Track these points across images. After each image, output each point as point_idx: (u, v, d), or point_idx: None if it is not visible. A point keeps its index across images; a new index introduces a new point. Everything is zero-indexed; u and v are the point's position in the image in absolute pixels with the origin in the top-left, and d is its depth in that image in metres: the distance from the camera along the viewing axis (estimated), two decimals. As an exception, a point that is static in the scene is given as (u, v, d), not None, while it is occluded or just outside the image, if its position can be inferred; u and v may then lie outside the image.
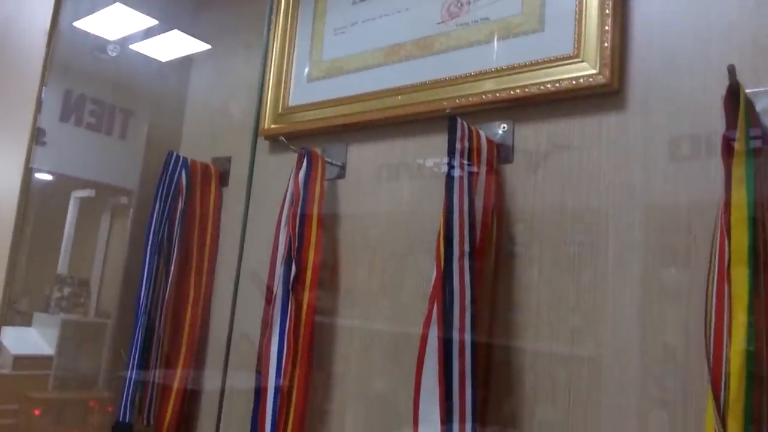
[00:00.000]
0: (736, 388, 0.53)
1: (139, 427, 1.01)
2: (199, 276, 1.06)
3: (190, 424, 1.05)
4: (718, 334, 0.56)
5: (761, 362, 0.55)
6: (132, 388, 1.01)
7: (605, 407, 0.67)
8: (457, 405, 0.68)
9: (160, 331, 1.01)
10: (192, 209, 1.06)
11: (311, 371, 0.89)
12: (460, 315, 0.67)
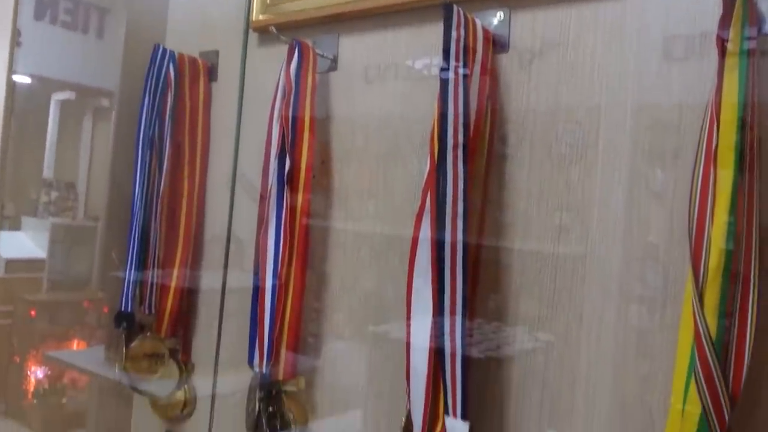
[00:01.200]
0: (713, 285, 0.56)
1: (140, 315, 1.05)
2: (192, 171, 1.06)
3: (190, 316, 1.09)
4: (699, 232, 0.58)
5: (738, 261, 0.57)
6: (131, 280, 1.04)
7: (588, 302, 0.70)
8: (448, 300, 0.71)
9: (156, 224, 1.03)
10: (182, 104, 1.05)
11: (306, 270, 0.91)
12: (453, 205, 0.68)
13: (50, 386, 3.36)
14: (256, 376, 0.92)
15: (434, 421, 0.73)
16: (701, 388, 0.55)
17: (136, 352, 1.04)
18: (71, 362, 2.63)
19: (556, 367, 0.72)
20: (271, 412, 0.90)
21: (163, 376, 1.05)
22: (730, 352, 0.57)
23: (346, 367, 0.91)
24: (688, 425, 0.56)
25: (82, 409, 2.32)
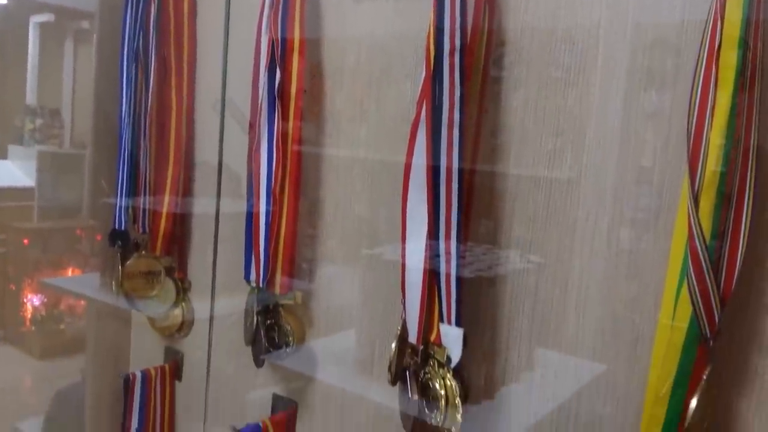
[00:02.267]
0: (710, 188, 0.56)
1: (134, 234, 1.05)
2: (180, 85, 1.03)
3: (184, 236, 1.09)
4: (697, 134, 0.57)
5: (736, 164, 0.57)
6: (123, 199, 1.03)
7: (580, 225, 0.71)
8: (443, 222, 0.71)
9: (146, 143, 1.01)
10: (166, 15, 1.01)
11: (299, 196, 0.91)
12: (449, 113, 0.67)
13: (47, 313, 3.41)
14: (253, 290, 0.93)
15: (429, 328, 0.75)
16: (693, 289, 0.56)
17: (131, 270, 1.05)
18: (67, 288, 2.65)
19: (548, 288, 0.73)
20: (269, 325, 0.92)
21: (160, 293, 1.07)
22: (722, 253, 0.58)
23: (340, 289, 0.93)
24: (677, 332, 0.58)
25: (81, 334, 2.36)
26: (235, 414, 1.03)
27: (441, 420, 0.73)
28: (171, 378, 1.13)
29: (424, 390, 0.76)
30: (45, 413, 2.23)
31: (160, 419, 1.11)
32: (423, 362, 0.76)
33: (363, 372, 0.90)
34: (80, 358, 1.72)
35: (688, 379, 0.58)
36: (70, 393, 2.05)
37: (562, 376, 0.73)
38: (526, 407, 0.76)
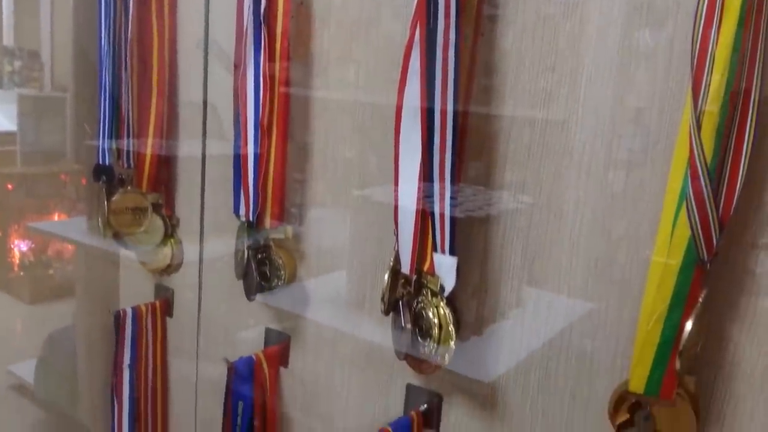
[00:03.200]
0: (713, 107, 0.54)
1: (119, 170, 1.02)
2: (161, 19, 0.98)
3: (171, 172, 1.06)
4: (702, 52, 0.55)
5: (740, 82, 0.55)
6: (106, 133, 1.00)
7: (573, 166, 0.70)
8: (437, 162, 0.70)
9: (127, 74, 0.97)
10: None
11: (287, 140, 0.88)
12: (444, 34, 0.64)
13: (35, 258, 3.40)
14: (243, 225, 0.92)
15: (422, 258, 0.74)
16: (691, 211, 0.55)
17: (118, 205, 1.02)
18: (54, 232, 2.62)
19: (539, 227, 0.73)
20: (259, 259, 0.91)
21: (148, 230, 1.05)
22: (722, 177, 0.57)
23: (331, 229, 0.91)
24: (674, 256, 0.57)
25: (70, 278, 2.35)
26: (228, 349, 1.03)
27: (434, 348, 0.73)
28: (162, 314, 1.12)
29: (417, 320, 0.76)
30: (38, 356, 2.24)
31: (153, 355, 1.11)
32: (416, 292, 0.76)
33: (355, 307, 0.90)
34: (70, 303, 1.72)
35: (683, 302, 0.57)
36: (61, 336, 2.06)
37: (553, 312, 0.73)
38: (516, 342, 0.76)
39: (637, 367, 0.60)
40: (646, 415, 0.62)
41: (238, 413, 0.91)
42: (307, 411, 0.96)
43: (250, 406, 0.91)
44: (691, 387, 0.62)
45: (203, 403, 1.09)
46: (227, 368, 0.91)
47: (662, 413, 0.62)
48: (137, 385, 1.11)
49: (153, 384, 1.11)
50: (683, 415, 0.62)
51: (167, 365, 1.13)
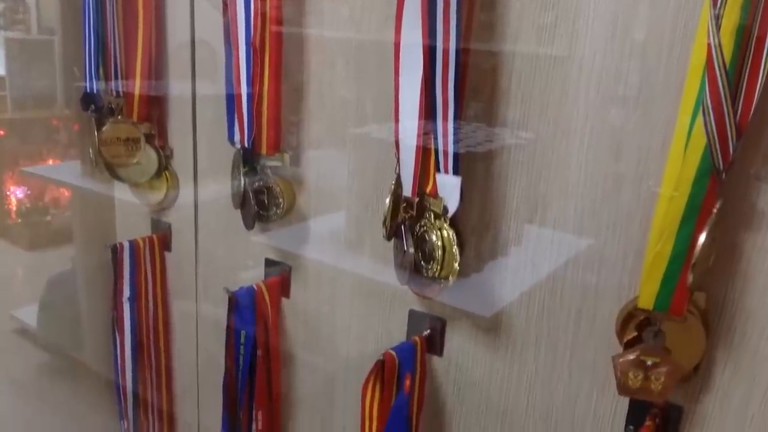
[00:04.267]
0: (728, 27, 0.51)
1: (108, 98, 0.98)
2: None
3: (162, 101, 1.02)
4: None
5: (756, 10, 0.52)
6: (93, 57, 0.96)
7: (573, 102, 0.67)
8: (440, 97, 0.67)
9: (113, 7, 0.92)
10: None
11: (280, 80, 0.84)
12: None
13: (32, 205, 3.38)
14: (238, 152, 0.89)
15: (425, 179, 0.72)
16: (708, 118, 0.53)
17: (108, 135, 0.99)
18: (48, 176, 2.59)
19: (539, 165, 0.71)
20: (257, 187, 0.89)
21: (141, 160, 1.02)
22: (742, 80, 0.54)
23: (328, 167, 0.89)
24: (689, 166, 0.55)
25: (67, 225, 2.33)
26: (228, 281, 1.02)
27: (437, 270, 0.72)
28: (160, 248, 1.11)
29: (420, 244, 0.74)
30: (39, 300, 2.25)
31: (153, 289, 1.10)
32: (418, 216, 0.74)
33: (356, 237, 0.88)
34: (69, 249, 1.71)
35: (697, 213, 0.55)
36: (61, 279, 2.06)
37: (556, 246, 0.72)
38: (519, 275, 0.75)
39: (647, 282, 0.59)
40: (656, 332, 0.61)
41: (240, 342, 0.91)
42: (309, 339, 0.96)
43: (252, 336, 0.90)
44: (702, 303, 0.61)
45: (205, 337, 1.09)
46: (228, 298, 0.90)
47: (672, 329, 0.61)
48: (138, 320, 1.10)
49: (154, 318, 1.10)
50: (693, 332, 0.61)
51: (168, 299, 1.12)
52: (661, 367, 0.60)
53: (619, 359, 0.61)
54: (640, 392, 0.61)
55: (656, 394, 0.61)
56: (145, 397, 1.15)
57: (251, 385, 0.93)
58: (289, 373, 0.98)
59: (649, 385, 0.61)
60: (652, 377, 0.60)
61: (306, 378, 0.98)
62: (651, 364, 0.60)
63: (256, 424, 0.96)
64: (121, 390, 1.15)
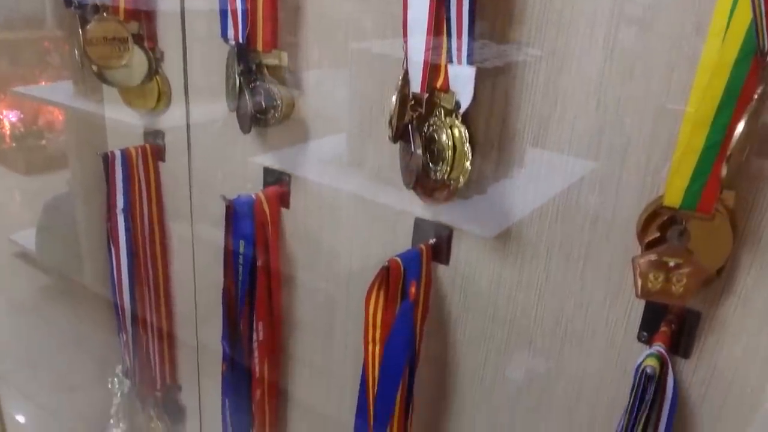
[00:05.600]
0: None
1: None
2: None
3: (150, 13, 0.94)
4: None
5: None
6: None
7: (584, 23, 0.61)
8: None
9: None
10: None
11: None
12: None
13: (26, 129, 3.31)
14: (233, 49, 0.82)
15: (435, 73, 0.67)
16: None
17: (94, 34, 0.93)
18: (41, 97, 2.51)
19: (544, 86, 0.66)
20: (253, 88, 0.83)
21: (130, 63, 0.96)
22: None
23: (328, 91, 0.83)
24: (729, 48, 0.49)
25: (63, 149, 2.29)
26: (225, 190, 0.97)
27: (447, 171, 0.67)
28: (154, 158, 1.06)
29: (429, 144, 0.69)
30: (37, 223, 2.23)
31: (147, 199, 1.06)
32: (427, 113, 0.69)
33: (358, 143, 0.83)
34: (66, 173, 1.68)
35: (736, 98, 0.50)
36: (59, 202, 2.03)
37: (556, 171, 0.68)
38: (520, 199, 0.71)
39: (676, 177, 0.55)
40: (681, 231, 0.57)
41: (239, 252, 0.88)
42: (311, 250, 0.92)
43: (251, 245, 0.87)
44: (730, 202, 0.57)
45: (202, 249, 1.06)
46: (225, 206, 0.86)
47: (697, 229, 0.57)
48: (133, 232, 1.07)
49: (150, 231, 1.07)
50: (719, 232, 0.57)
51: (163, 211, 1.08)
52: (683, 268, 0.56)
53: (640, 260, 0.58)
54: (660, 295, 0.58)
55: (677, 297, 0.58)
56: (143, 312, 1.14)
57: (251, 296, 0.90)
58: (289, 284, 0.96)
59: (670, 288, 0.57)
60: (673, 279, 0.57)
61: (307, 289, 0.95)
62: (673, 265, 0.57)
63: (257, 335, 0.94)
64: (119, 304, 1.14)
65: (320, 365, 0.99)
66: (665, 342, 0.62)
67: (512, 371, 0.77)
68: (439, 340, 0.82)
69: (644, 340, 0.66)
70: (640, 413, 0.59)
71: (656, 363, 0.58)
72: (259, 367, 0.96)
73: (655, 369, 0.58)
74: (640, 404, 0.59)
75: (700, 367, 0.64)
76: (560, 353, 0.73)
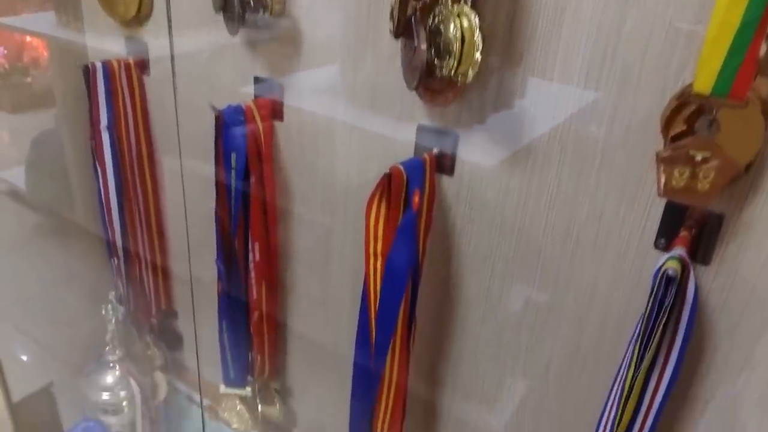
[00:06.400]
0: None
1: None
2: None
3: None
4: None
5: None
6: None
7: None
8: None
9: None
10: None
11: None
12: None
13: (11, 66, 3.20)
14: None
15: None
16: None
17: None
18: (21, 27, 2.41)
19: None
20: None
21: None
22: None
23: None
24: None
25: (48, 87, 2.21)
26: (215, 103, 0.92)
27: (454, 66, 0.62)
28: (137, 71, 1.00)
29: (434, 38, 0.64)
30: (26, 160, 2.17)
31: (132, 115, 1.00)
32: (432, 2, 0.63)
33: (355, 45, 0.77)
34: (53, 111, 1.63)
35: (782, -36, 0.45)
36: (46, 138, 1.97)
37: (570, 70, 0.62)
38: (531, 101, 0.66)
39: (708, 61, 0.49)
40: (710, 121, 0.52)
41: (231, 166, 0.83)
42: (307, 165, 0.88)
43: (243, 158, 0.82)
44: (764, 91, 0.52)
45: (192, 168, 1.01)
46: (215, 116, 0.81)
47: (727, 119, 0.53)
48: (120, 151, 1.01)
49: (137, 149, 1.02)
50: (751, 122, 0.52)
51: (150, 127, 1.03)
52: (711, 162, 0.52)
53: (664, 154, 0.53)
54: (684, 193, 0.54)
55: (702, 195, 0.53)
56: (134, 235, 1.10)
57: (245, 213, 0.86)
58: (285, 199, 0.91)
59: (695, 185, 0.53)
60: (699, 174, 0.53)
61: (304, 205, 0.91)
62: (700, 159, 0.52)
63: (253, 255, 0.90)
64: (108, 227, 1.09)
65: (318, 296, 0.96)
66: (686, 246, 0.58)
67: (519, 284, 0.74)
68: (442, 254, 0.78)
69: (662, 247, 0.62)
70: (659, 319, 0.56)
71: (678, 266, 0.55)
72: (256, 289, 0.93)
73: (677, 271, 0.54)
74: (659, 309, 0.55)
75: (720, 273, 0.61)
76: (571, 263, 0.69)
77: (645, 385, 0.61)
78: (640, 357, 0.58)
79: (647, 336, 0.57)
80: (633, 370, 0.59)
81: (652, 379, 0.61)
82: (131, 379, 1.15)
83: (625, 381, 0.60)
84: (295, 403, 1.08)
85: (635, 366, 0.59)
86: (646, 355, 0.58)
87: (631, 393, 0.61)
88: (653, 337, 0.57)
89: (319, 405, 1.05)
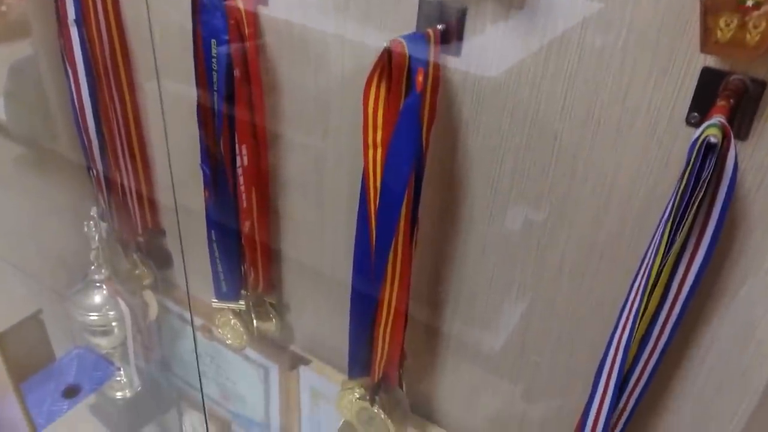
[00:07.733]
0: None
1: None
2: None
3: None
4: None
5: None
6: None
7: None
8: None
9: None
10: None
11: None
12: None
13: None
14: None
15: None
16: None
17: None
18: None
19: None
20: None
21: None
22: None
23: None
24: None
25: (23, 18, 2.09)
26: None
27: None
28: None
29: None
30: (3, 90, 2.07)
31: (102, 7, 0.91)
32: None
33: None
34: (29, 40, 1.54)
35: None
36: (23, 65, 1.87)
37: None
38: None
39: None
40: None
41: (211, 56, 0.75)
42: (295, 55, 0.79)
43: (224, 45, 0.74)
44: None
45: (168, 56, 0.92)
46: None
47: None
48: (91, 50, 0.92)
49: (110, 44, 0.93)
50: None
51: (122, 20, 0.93)
52: (763, 7, 0.45)
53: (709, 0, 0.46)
54: (730, 47, 0.47)
55: (750, 48, 0.47)
56: (111, 141, 1.02)
57: (229, 110, 0.79)
58: (272, 95, 0.83)
59: (744, 37, 0.46)
60: (749, 24, 0.46)
61: (293, 99, 0.83)
62: (751, 5, 0.45)
63: (241, 159, 0.83)
64: (83, 134, 1.02)
65: (314, 196, 0.89)
66: (725, 115, 0.52)
67: (532, 177, 0.68)
68: (447, 146, 0.72)
69: (695, 122, 0.56)
70: (694, 194, 0.50)
71: (719, 133, 0.48)
72: (246, 196, 0.86)
73: (718, 138, 0.48)
74: (696, 183, 0.49)
75: (758, 149, 0.55)
76: (591, 148, 0.63)
77: (673, 272, 0.56)
78: (670, 240, 0.52)
79: (680, 215, 0.51)
80: (661, 257, 0.54)
81: (681, 264, 0.55)
82: (119, 299, 1.10)
83: (651, 268, 0.54)
84: (292, 318, 1.03)
85: (664, 251, 0.53)
86: (677, 237, 0.52)
87: (657, 281, 0.56)
88: (687, 215, 0.51)
89: (317, 320, 1.01)
